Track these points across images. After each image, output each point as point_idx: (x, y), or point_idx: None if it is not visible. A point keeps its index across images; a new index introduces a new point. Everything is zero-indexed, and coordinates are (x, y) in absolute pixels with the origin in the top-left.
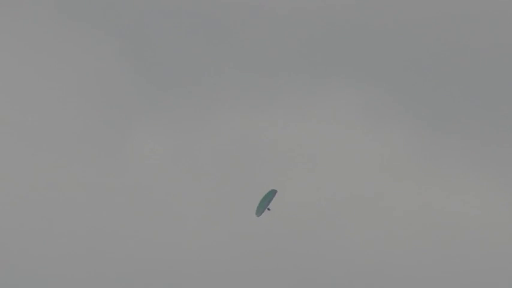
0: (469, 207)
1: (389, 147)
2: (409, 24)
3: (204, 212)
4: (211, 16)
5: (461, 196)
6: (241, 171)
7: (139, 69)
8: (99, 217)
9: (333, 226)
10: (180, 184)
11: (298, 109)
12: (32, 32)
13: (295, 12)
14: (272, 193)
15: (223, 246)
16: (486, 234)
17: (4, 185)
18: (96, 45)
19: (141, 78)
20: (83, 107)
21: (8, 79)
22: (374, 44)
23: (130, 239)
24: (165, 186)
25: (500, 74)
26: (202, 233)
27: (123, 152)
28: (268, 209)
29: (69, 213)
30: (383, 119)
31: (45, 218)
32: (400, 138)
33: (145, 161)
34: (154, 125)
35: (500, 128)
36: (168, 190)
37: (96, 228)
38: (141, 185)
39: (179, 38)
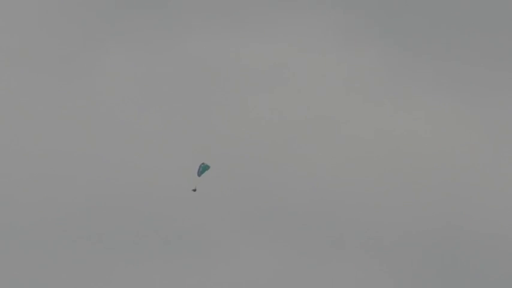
0: (437, 130)
1: (359, 69)
2: None
3: (167, 133)
4: None
5: (428, 119)
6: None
7: None
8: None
9: (296, 147)
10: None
11: (268, 30)
12: None
13: None
14: (206, 168)
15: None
16: (454, 158)
17: None
18: None
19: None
20: (52, 29)
21: None
22: None
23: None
24: (130, 109)
25: None
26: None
27: (90, 74)
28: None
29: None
30: (353, 41)
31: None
32: (370, 60)
33: (112, 83)
34: (122, 47)
35: (471, 48)
36: (133, 112)
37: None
38: (106, 106)
39: None
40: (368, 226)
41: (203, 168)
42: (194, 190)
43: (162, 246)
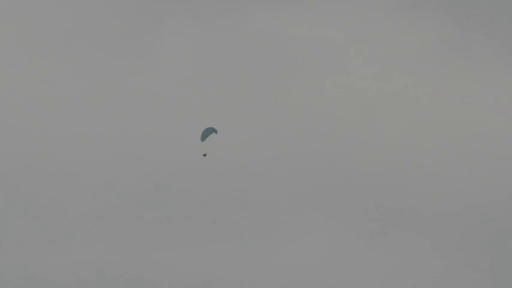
0: (496, 105)
1: (418, 42)
2: None
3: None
4: None
5: (490, 93)
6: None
7: None
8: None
9: (361, 122)
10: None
11: (324, 6)
12: None
13: None
14: (210, 132)
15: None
16: None
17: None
18: None
19: None
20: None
21: None
22: None
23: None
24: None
25: None
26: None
27: (151, 51)
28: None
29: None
30: (412, 14)
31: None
32: (429, 34)
33: (172, 60)
34: (181, 27)
35: None
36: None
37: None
38: (168, 84)
39: None
40: (437, 205)
41: (208, 132)
42: (204, 155)
43: (224, 227)
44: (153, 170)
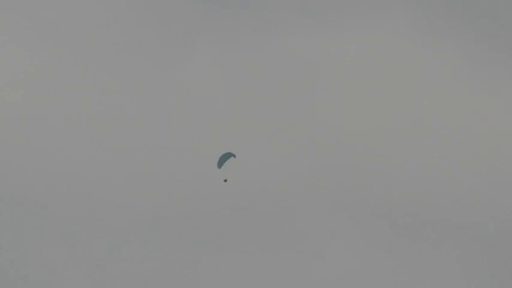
0: None
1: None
2: None
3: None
4: None
5: None
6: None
7: None
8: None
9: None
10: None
11: (350, 26)
12: None
13: None
14: (226, 158)
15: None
16: None
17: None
18: None
19: None
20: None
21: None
22: None
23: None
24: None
25: None
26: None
27: (180, 69)
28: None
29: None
30: (438, 35)
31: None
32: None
33: (202, 81)
34: (213, 44)
35: None
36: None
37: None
38: (196, 103)
39: None
40: (471, 228)
41: (224, 158)
42: (225, 181)
43: (253, 239)
44: (186, 184)
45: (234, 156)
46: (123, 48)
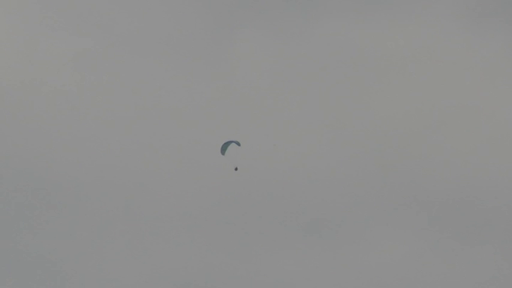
0: None
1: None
2: None
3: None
4: None
5: None
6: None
7: None
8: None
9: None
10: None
11: (398, 15)
12: None
13: None
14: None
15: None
16: None
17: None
18: None
19: None
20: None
21: None
22: None
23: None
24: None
25: None
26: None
27: (226, 60)
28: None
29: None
30: (484, 24)
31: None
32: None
33: (247, 68)
34: (256, 32)
35: None
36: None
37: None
38: (241, 93)
39: None
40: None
41: (226, 145)
42: (236, 169)
43: (297, 234)
44: (229, 177)
45: (238, 144)
46: (169, 39)
